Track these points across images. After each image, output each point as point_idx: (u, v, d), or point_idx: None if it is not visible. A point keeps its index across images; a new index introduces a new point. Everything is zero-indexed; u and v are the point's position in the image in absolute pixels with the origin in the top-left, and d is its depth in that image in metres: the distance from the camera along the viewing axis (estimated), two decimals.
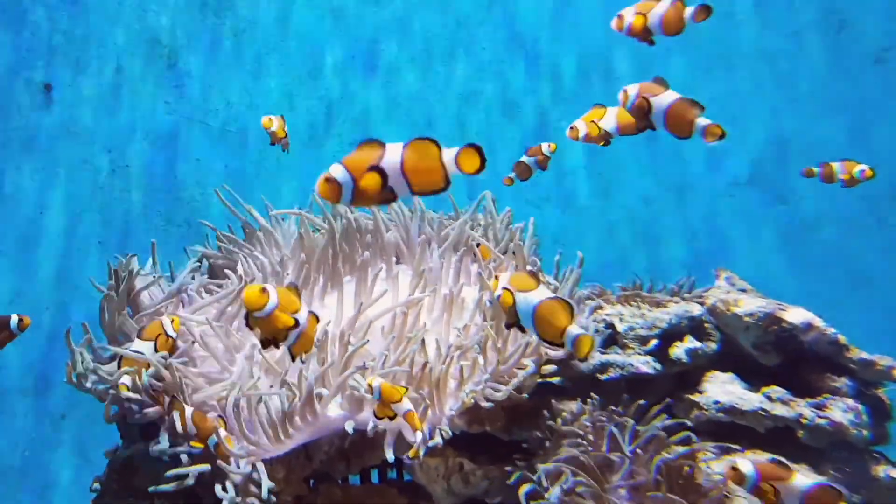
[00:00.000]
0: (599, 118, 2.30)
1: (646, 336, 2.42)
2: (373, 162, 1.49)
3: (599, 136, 2.29)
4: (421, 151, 1.49)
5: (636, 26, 2.13)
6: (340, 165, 1.51)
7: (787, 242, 4.87)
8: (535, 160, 2.65)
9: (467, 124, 5.05)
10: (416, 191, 1.52)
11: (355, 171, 1.50)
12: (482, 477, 2.06)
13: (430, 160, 1.49)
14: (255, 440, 2.00)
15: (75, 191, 4.74)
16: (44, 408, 4.40)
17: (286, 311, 1.72)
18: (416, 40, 5.10)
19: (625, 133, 2.27)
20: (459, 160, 1.48)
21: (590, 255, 2.39)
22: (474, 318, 2.19)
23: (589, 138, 2.29)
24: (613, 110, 2.29)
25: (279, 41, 5.04)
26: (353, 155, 1.53)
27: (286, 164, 4.91)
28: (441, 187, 1.51)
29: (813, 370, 2.41)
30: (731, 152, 4.95)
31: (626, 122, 2.24)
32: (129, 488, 2.23)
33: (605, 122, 2.28)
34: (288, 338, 1.74)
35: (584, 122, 2.32)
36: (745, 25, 5.01)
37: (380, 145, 1.51)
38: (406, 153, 1.49)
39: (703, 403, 2.33)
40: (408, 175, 1.49)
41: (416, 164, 1.49)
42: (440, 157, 1.49)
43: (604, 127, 2.28)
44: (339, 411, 2.00)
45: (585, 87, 5.00)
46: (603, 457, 2.01)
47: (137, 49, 4.91)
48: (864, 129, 4.81)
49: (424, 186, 1.50)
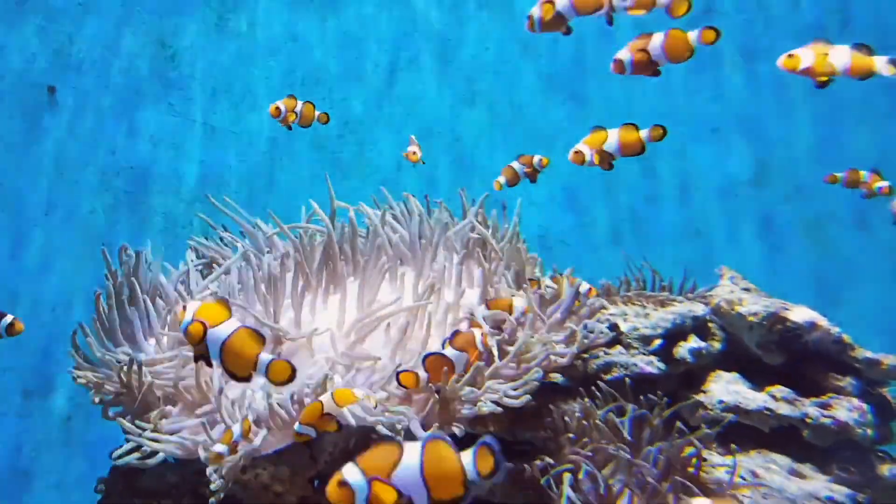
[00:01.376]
0: (602, 141, 2.31)
1: (650, 336, 2.42)
2: (389, 468, 1.40)
3: (603, 159, 2.30)
4: (438, 455, 1.41)
5: (640, 61, 2.16)
6: (356, 467, 1.41)
7: (790, 242, 4.86)
8: (524, 169, 2.64)
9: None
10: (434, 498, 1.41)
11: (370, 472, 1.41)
12: None
13: (449, 464, 1.41)
14: None
15: (79, 193, 4.75)
16: (49, 409, 4.41)
17: (202, 322, 1.63)
18: (414, 45, 5.10)
19: (628, 154, 2.29)
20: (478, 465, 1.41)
21: (593, 254, 2.39)
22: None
23: (594, 163, 2.32)
24: (614, 132, 2.30)
25: (283, 43, 5.05)
26: (368, 455, 1.43)
27: (291, 166, 4.91)
28: (460, 496, 1.42)
29: (817, 369, 2.41)
30: (734, 152, 4.94)
31: (629, 141, 2.26)
32: (134, 490, 2.24)
33: (607, 144, 2.30)
34: (207, 349, 1.64)
35: (589, 147, 2.32)
36: (747, 24, 5.00)
37: (398, 446, 1.43)
38: (425, 458, 1.40)
39: (708, 403, 2.33)
40: (427, 482, 1.40)
41: (435, 472, 1.41)
42: (459, 462, 1.42)
43: (607, 149, 2.30)
44: None
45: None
46: (607, 456, 2.01)
47: (142, 50, 4.92)
48: (866, 128, 4.80)
49: (443, 495, 1.41)
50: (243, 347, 1.63)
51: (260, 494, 2.10)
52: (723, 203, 4.93)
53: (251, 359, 1.63)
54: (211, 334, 1.64)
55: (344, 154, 4.97)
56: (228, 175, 4.91)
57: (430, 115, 5.01)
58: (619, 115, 2.44)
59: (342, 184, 4.98)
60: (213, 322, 1.64)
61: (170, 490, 2.19)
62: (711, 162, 4.96)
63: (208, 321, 1.63)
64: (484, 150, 4.96)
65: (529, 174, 2.65)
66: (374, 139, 4.98)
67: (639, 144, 2.29)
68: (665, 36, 2.15)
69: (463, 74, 5.04)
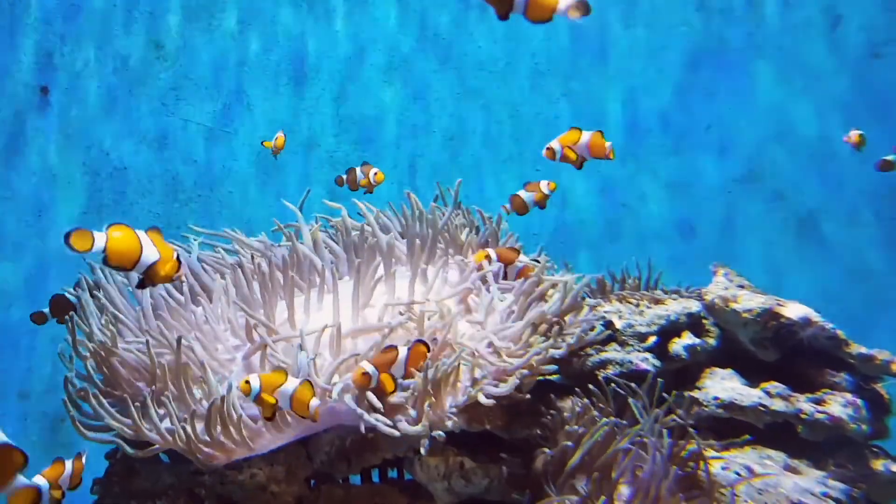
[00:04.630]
0: (575, 141, 2.45)
1: (644, 333, 2.43)
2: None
3: (574, 160, 2.45)
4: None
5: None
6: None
7: (784, 238, 4.87)
8: (533, 197, 2.67)
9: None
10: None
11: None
12: (483, 475, 2.06)
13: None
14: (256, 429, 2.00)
15: (72, 194, 4.74)
16: (42, 412, 4.40)
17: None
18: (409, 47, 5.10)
19: (595, 157, 2.46)
20: None
21: (586, 251, 2.40)
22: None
23: (564, 160, 2.45)
24: (587, 134, 2.45)
25: (275, 43, 5.04)
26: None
27: (282, 166, 4.91)
28: None
29: (812, 365, 2.42)
30: (728, 148, 4.95)
31: (596, 146, 2.45)
32: (129, 491, 2.23)
33: (579, 146, 2.45)
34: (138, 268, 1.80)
35: (561, 146, 2.46)
36: (742, 22, 5.01)
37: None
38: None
39: (703, 399, 2.33)
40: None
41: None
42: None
43: (578, 151, 2.45)
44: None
45: None
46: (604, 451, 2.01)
47: (134, 51, 4.91)
48: (861, 124, 4.82)
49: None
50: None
51: (256, 494, 2.10)
52: (717, 200, 4.94)
53: None
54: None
55: (338, 153, 4.97)
56: (222, 175, 4.91)
57: (427, 112, 5.01)
58: None
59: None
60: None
61: (165, 490, 2.18)
62: (705, 159, 4.97)
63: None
64: (480, 149, 4.96)
65: (539, 200, 2.66)
66: (370, 138, 4.98)
67: (602, 150, 2.45)
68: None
69: (461, 73, 5.04)
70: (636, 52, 5.03)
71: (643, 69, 5.01)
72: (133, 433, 2.00)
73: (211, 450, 1.97)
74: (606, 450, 1.98)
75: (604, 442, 2.00)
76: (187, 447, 1.95)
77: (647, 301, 2.54)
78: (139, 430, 1.99)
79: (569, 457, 2.00)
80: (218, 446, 1.97)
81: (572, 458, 1.99)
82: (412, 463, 2.08)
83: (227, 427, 1.95)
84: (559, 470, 2.00)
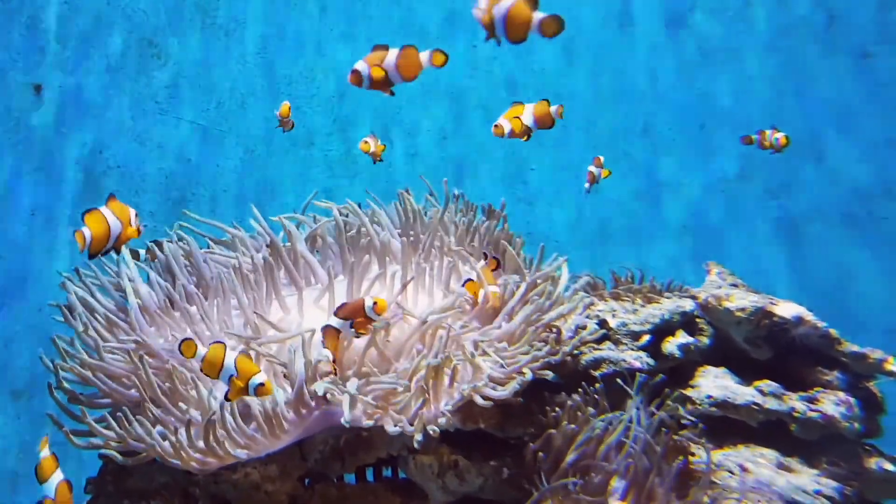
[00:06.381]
0: (519, 114, 2.50)
1: (638, 332, 2.43)
2: None
3: (522, 131, 2.48)
4: None
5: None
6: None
7: (777, 237, 4.89)
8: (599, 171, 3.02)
9: None
10: None
11: None
12: (477, 474, 2.06)
13: None
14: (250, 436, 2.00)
15: (65, 192, 4.72)
16: (37, 410, 4.38)
17: None
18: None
19: (542, 126, 2.50)
20: None
21: (580, 250, 2.41)
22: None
23: (513, 134, 2.49)
24: (530, 106, 2.50)
25: (270, 42, 5.04)
26: None
27: (276, 164, 4.90)
28: None
29: (804, 364, 2.42)
30: (721, 148, 4.97)
31: (542, 115, 2.49)
32: (124, 490, 2.23)
33: (524, 117, 2.49)
34: None
35: (508, 120, 2.50)
36: (735, 21, 5.03)
37: None
38: None
39: (696, 398, 2.34)
40: None
41: None
42: None
43: (524, 122, 2.48)
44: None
45: None
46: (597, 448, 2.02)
47: (128, 49, 4.90)
48: (852, 123, 4.84)
49: None
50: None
51: (251, 493, 2.09)
52: (711, 199, 4.96)
53: None
54: None
55: (332, 152, 4.97)
56: (216, 173, 4.90)
57: (419, 112, 5.01)
58: None
59: (331, 181, 5.00)
60: None
61: (159, 490, 2.18)
62: (699, 158, 4.99)
63: None
64: (476, 148, 4.97)
65: (541, 118, 2.68)
66: (364, 137, 4.98)
67: (549, 118, 2.49)
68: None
69: (453, 72, 5.04)
70: (630, 51, 5.04)
71: (636, 69, 5.03)
72: (121, 446, 1.99)
73: (202, 456, 1.95)
74: (600, 447, 1.98)
75: (597, 439, 2.00)
76: (179, 458, 1.93)
77: (641, 299, 2.54)
78: (127, 443, 1.97)
79: (562, 455, 2.01)
80: (212, 454, 1.95)
81: (566, 455, 1.99)
82: (406, 461, 2.08)
83: (222, 439, 1.94)
84: (553, 468, 2.01)
